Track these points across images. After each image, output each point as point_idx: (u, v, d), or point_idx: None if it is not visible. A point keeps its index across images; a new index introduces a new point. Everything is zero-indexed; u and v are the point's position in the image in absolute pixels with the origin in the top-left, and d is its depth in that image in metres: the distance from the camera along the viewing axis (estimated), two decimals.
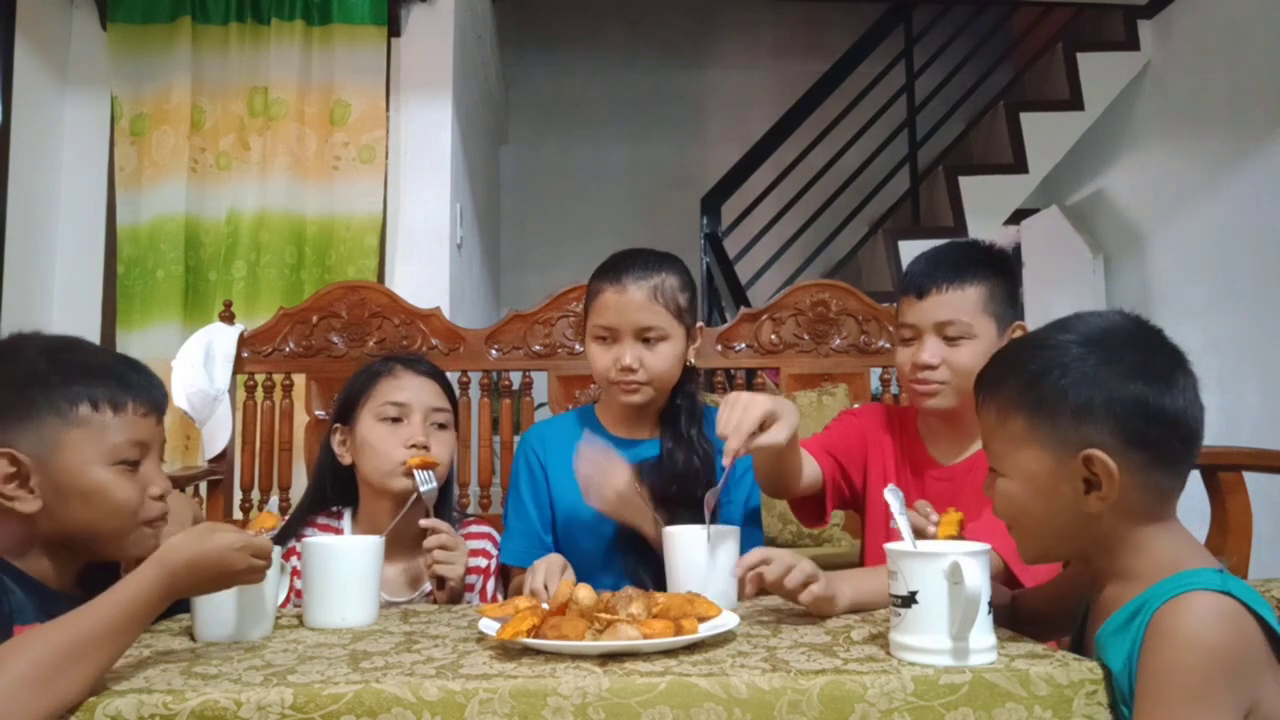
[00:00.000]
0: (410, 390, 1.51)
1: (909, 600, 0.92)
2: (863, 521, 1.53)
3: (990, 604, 0.92)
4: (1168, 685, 0.84)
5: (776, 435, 1.22)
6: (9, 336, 1.15)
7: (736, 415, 1.22)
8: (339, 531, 1.53)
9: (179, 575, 0.95)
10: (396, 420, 1.49)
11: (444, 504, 1.52)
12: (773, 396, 1.27)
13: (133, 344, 2.78)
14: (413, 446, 1.46)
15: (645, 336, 1.46)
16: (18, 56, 2.73)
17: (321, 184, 2.89)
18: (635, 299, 1.45)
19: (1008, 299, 1.40)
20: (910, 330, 1.40)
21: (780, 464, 1.35)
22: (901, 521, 1.04)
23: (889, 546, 0.96)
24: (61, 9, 2.96)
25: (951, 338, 1.36)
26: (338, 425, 1.54)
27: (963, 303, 1.36)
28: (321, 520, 1.54)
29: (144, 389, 1.14)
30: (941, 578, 0.91)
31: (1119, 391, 0.94)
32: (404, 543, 1.46)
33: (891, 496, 1.07)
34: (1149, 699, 0.84)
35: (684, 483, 1.45)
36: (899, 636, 0.93)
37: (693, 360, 1.53)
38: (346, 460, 1.52)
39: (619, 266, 1.49)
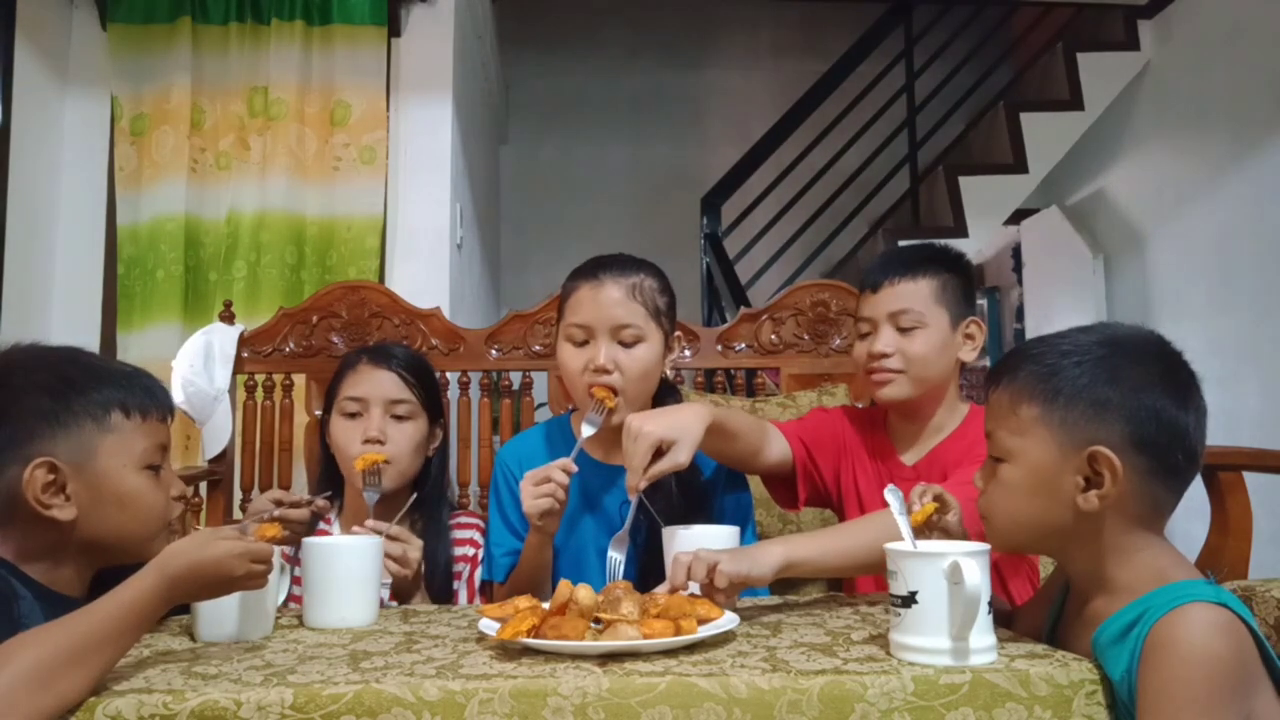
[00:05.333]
0: (368, 384, 1.52)
1: (909, 600, 0.92)
2: (841, 519, 1.55)
3: (990, 604, 0.92)
4: (1173, 698, 0.84)
5: (676, 457, 1.23)
6: (18, 346, 1.15)
7: (629, 449, 1.23)
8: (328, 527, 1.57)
9: (179, 581, 0.96)
10: (355, 415, 1.52)
11: (435, 498, 1.55)
12: (671, 413, 1.27)
13: (133, 344, 2.78)
14: (366, 441, 1.48)
15: (621, 337, 1.40)
16: (18, 56, 2.73)
17: (322, 184, 2.89)
18: (612, 295, 1.41)
19: (961, 296, 1.44)
20: (867, 324, 1.46)
21: (722, 450, 1.39)
22: (901, 522, 1.04)
23: (889, 546, 0.96)
24: (61, 9, 2.96)
25: (905, 328, 1.42)
26: (326, 417, 1.58)
27: (915, 292, 1.42)
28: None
29: (161, 395, 1.18)
30: (941, 578, 0.91)
31: (1138, 394, 0.94)
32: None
33: (891, 496, 1.07)
34: (1154, 712, 0.84)
35: (673, 501, 1.42)
36: (899, 636, 0.93)
37: (669, 372, 1.50)
38: (333, 452, 1.57)
39: (596, 265, 1.46)
